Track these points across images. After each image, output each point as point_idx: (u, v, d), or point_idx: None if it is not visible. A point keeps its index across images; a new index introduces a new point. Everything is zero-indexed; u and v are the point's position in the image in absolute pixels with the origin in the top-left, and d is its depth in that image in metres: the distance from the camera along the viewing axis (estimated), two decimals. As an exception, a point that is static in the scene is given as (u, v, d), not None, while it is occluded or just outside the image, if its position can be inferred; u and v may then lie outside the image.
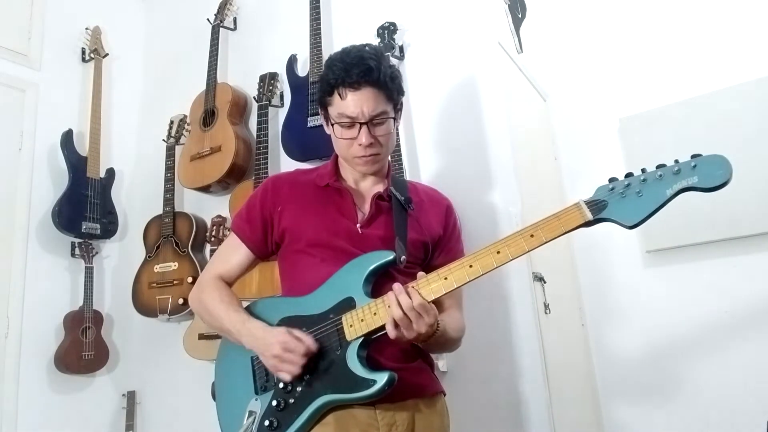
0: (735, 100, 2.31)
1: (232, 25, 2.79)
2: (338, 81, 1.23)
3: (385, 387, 1.11)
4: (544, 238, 1.08)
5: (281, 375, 1.18)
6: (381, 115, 1.25)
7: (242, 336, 1.26)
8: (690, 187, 1.00)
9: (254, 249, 1.38)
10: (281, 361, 1.16)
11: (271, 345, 1.18)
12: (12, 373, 2.42)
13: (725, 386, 2.20)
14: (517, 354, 1.85)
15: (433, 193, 1.47)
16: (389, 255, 1.20)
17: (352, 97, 1.23)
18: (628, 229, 1.04)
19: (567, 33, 2.79)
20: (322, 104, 1.31)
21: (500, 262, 1.10)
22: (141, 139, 3.08)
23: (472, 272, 1.12)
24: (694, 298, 2.30)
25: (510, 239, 1.10)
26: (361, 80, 1.22)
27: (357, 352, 1.15)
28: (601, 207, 1.05)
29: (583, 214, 1.06)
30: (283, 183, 1.39)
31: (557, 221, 1.07)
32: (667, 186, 1.01)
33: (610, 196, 1.05)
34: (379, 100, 1.24)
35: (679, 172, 1.00)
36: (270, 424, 1.19)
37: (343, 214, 1.31)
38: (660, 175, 1.02)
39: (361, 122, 1.24)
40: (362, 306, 1.17)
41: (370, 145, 1.26)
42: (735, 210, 2.20)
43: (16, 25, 2.73)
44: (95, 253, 2.71)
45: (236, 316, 1.28)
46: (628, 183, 1.05)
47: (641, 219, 1.02)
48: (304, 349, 1.16)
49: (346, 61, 1.24)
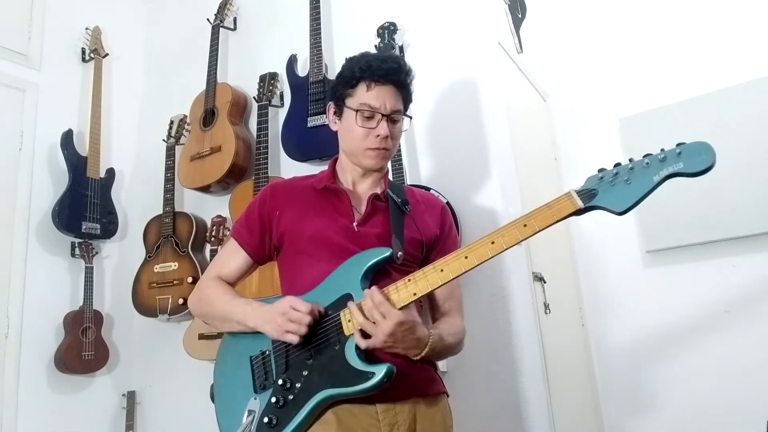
0: (735, 100, 2.31)
1: (232, 25, 2.80)
2: (366, 73, 1.29)
3: (384, 379, 1.11)
4: (537, 227, 1.10)
5: (288, 337, 1.18)
6: (398, 113, 1.32)
7: (247, 316, 1.27)
8: (676, 172, 1.03)
9: (252, 253, 1.39)
10: (288, 320, 1.18)
11: (275, 310, 1.20)
12: (12, 373, 2.42)
13: (725, 386, 2.20)
14: (517, 354, 1.85)
15: (429, 197, 1.50)
16: (386, 251, 1.22)
17: (378, 90, 1.30)
18: (618, 215, 1.07)
19: (567, 33, 2.79)
20: (338, 97, 1.35)
21: (495, 251, 1.12)
22: (141, 139, 3.08)
23: (467, 263, 1.14)
24: (693, 298, 2.31)
25: (504, 229, 1.13)
26: (388, 75, 1.29)
27: (355, 345, 1.15)
28: (591, 195, 1.08)
29: (573, 202, 1.09)
30: (281, 189, 1.41)
31: (549, 210, 1.10)
32: (654, 173, 1.04)
33: (600, 185, 1.09)
34: (398, 99, 1.32)
35: (665, 159, 1.04)
36: (269, 422, 1.19)
37: (340, 213, 1.33)
38: (647, 163, 1.06)
39: (383, 113, 1.29)
40: (360, 301, 1.17)
41: (385, 138, 1.30)
42: (735, 210, 2.20)
43: (16, 25, 2.73)
44: (95, 253, 2.71)
45: (240, 301, 1.30)
46: (617, 172, 1.08)
47: (630, 205, 1.05)
48: (310, 307, 1.18)
49: (373, 57, 1.32)
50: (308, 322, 1.17)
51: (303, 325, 1.17)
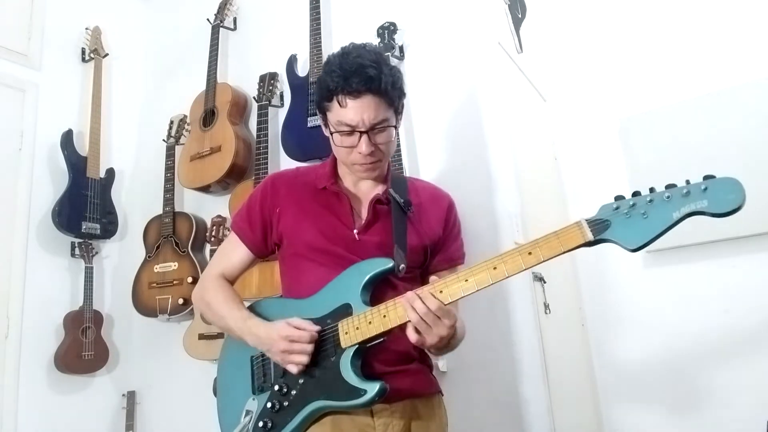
0: (735, 101, 2.30)
1: (232, 25, 2.79)
2: (338, 88, 1.19)
3: (376, 397, 1.11)
4: (542, 257, 1.05)
5: (291, 368, 1.18)
6: (382, 123, 1.22)
7: (244, 334, 1.26)
8: (698, 211, 0.95)
9: (254, 249, 1.38)
10: (290, 354, 1.17)
11: (275, 341, 1.18)
12: (12, 373, 2.42)
13: (725, 386, 2.20)
14: (517, 354, 1.85)
15: (433, 191, 1.45)
16: (388, 263, 1.20)
17: (353, 105, 1.20)
18: (630, 252, 1.01)
19: (567, 33, 2.79)
20: (320, 108, 1.28)
21: (496, 278, 1.08)
22: (141, 139, 3.08)
23: (467, 287, 1.10)
24: (693, 298, 2.30)
25: (507, 255, 1.08)
26: (361, 88, 1.18)
27: (351, 360, 1.15)
28: (603, 227, 1.02)
29: (583, 233, 1.03)
30: (282, 183, 1.39)
31: (557, 240, 1.05)
32: (674, 209, 0.96)
33: (614, 216, 1.02)
34: (380, 108, 1.21)
35: (688, 194, 0.96)
36: (264, 425, 1.19)
37: (341, 219, 1.30)
38: (668, 196, 0.97)
39: (362, 131, 1.21)
40: (358, 314, 1.17)
41: (370, 153, 1.24)
42: (735, 210, 2.20)
43: (16, 25, 2.73)
44: (95, 253, 2.71)
45: (238, 314, 1.29)
46: (634, 203, 1.00)
47: (644, 242, 0.99)
48: (308, 336, 1.16)
49: (344, 68, 1.19)
50: (310, 351, 1.16)
51: (304, 354, 1.16)
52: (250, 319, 1.27)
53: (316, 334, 1.17)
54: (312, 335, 1.17)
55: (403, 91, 1.29)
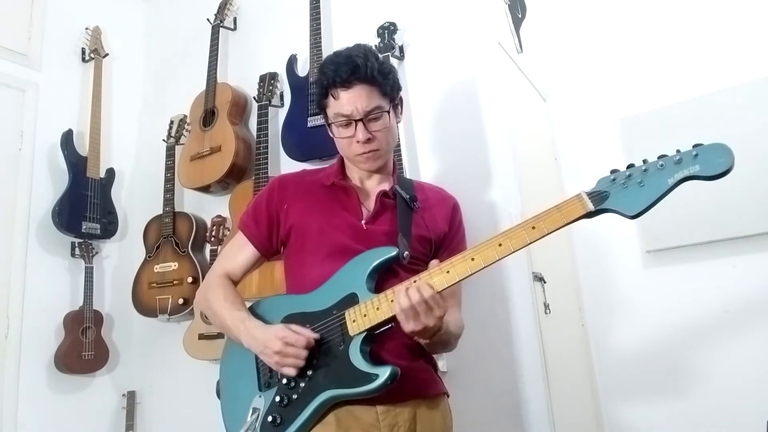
0: (735, 100, 2.31)
1: (232, 25, 2.79)
2: (330, 82, 1.26)
3: (388, 381, 1.11)
4: (546, 230, 1.07)
5: (285, 370, 1.18)
6: (375, 110, 1.27)
7: (241, 335, 1.26)
8: (692, 175, 0.99)
9: (260, 247, 1.39)
10: (283, 356, 1.17)
11: (270, 342, 1.18)
12: (12, 373, 2.42)
13: (725, 386, 2.20)
14: (517, 354, 1.85)
15: (439, 192, 1.48)
16: (392, 251, 1.21)
17: (345, 96, 1.26)
18: (630, 218, 1.03)
19: (567, 33, 2.79)
20: (321, 108, 1.34)
21: (502, 254, 1.09)
22: (141, 139, 3.08)
23: (474, 265, 1.11)
24: (693, 297, 2.31)
25: (511, 232, 1.10)
26: (351, 78, 1.24)
27: (360, 347, 1.15)
28: (602, 197, 1.05)
29: (584, 204, 1.06)
30: (290, 182, 1.41)
31: (558, 213, 1.07)
32: (668, 175, 1.00)
33: (612, 187, 1.05)
34: (372, 96, 1.27)
35: (680, 161, 1.00)
36: (273, 420, 1.19)
37: (348, 211, 1.32)
38: (661, 164, 1.01)
39: (356, 119, 1.27)
40: (365, 301, 1.17)
41: (367, 141, 1.28)
42: (735, 210, 2.20)
43: (16, 25, 2.73)
44: (95, 253, 2.71)
45: (237, 315, 1.29)
46: (629, 173, 1.04)
47: (643, 208, 1.01)
48: (305, 341, 1.16)
49: (335, 62, 1.27)
50: (305, 356, 1.16)
51: (299, 358, 1.16)
52: (248, 320, 1.27)
53: (313, 341, 1.17)
54: (308, 341, 1.16)
55: (398, 83, 1.34)
